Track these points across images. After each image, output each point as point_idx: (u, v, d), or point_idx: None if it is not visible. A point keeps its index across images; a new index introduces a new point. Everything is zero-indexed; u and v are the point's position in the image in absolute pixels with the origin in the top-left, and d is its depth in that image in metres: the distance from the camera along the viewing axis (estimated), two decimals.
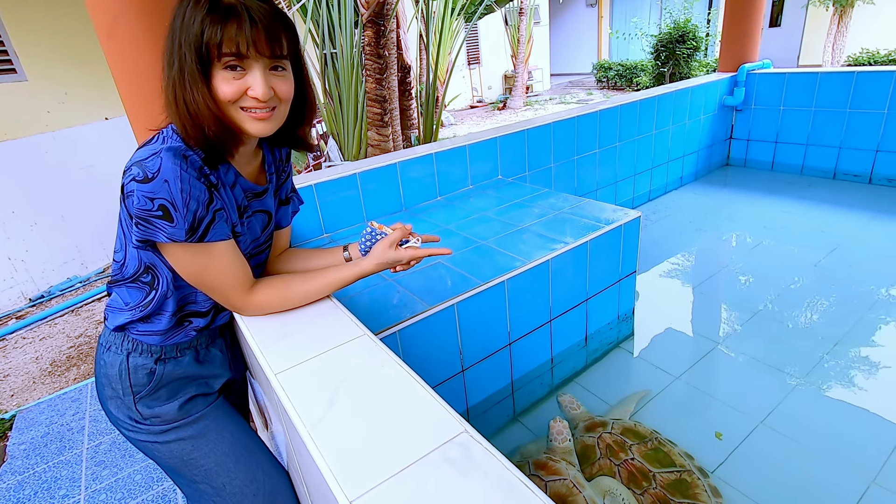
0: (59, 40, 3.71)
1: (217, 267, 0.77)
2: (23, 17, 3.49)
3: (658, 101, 2.86)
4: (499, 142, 2.22)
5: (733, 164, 3.57)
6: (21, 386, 2.79)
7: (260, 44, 0.69)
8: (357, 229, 1.86)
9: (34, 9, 3.54)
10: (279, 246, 1.00)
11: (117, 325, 0.82)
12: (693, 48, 6.90)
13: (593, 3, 13.59)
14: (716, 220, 2.80)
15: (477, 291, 1.33)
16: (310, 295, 0.88)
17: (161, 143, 0.72)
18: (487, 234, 1.68)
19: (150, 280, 0.79)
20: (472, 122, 9.30)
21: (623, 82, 10.91)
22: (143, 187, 0.68)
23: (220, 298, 0.82)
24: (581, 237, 1.57)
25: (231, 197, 0.80)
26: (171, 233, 0.70)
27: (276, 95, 0.75)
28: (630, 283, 1.80)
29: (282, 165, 0.95)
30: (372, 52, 3.55)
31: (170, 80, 0.71)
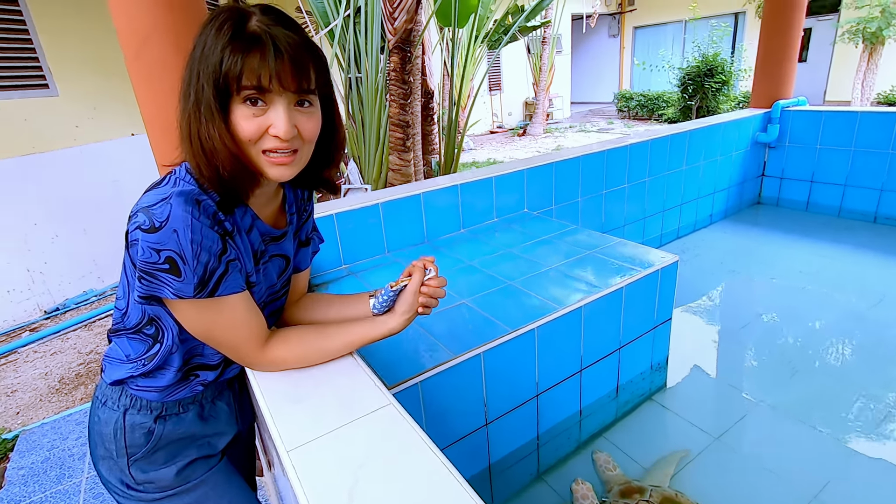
0: (90, 57, 3.78)
1: (228, 322, 0.69)
2: (57, 35, 3.57)
3: (689, 136, 2.77)
4: (526, 174, 2.15)
5: (765, 202, 3.45)
6: (28, 403, 2.74)
7: (284, 76, 0.62)
8: (377, 261, 1.79)
9: (68, 27, 3.63)
10: (297, 290, 0.92)
11: (115, 380, 0.74)
12: (722, 82, 6.83)
13: (616, 34, 13.69)
14: (748, 261, 2.67)
15: (506, 339, 1.23)
16: (329, 353, 0.79)
17: (172, 185, 0.65)
18: (514, 274, 1.59)
19: (153, 333, 0.72)
20: (492, 148, 9.30)
21: (645, 112, 10.87)
22: (149, 237, 0.61)
23: (230, 353, 0.74)
24: (616, 281, 1.47)
25: (247, 243, 0.73)
26: (177, 288, 0.63)
27: (299, 135, 0.67)
28: (665, 330, 1.69)
29: (304, 205, 0.88)
30: (397, 78, 3.55)
31: (185, 114, 0.65)
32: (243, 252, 0.71)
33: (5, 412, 2.68)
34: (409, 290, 0.79)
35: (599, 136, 9.48)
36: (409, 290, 0.79)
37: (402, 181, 3.75)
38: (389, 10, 3.40)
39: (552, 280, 1.52)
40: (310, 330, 0.80)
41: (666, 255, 1.61)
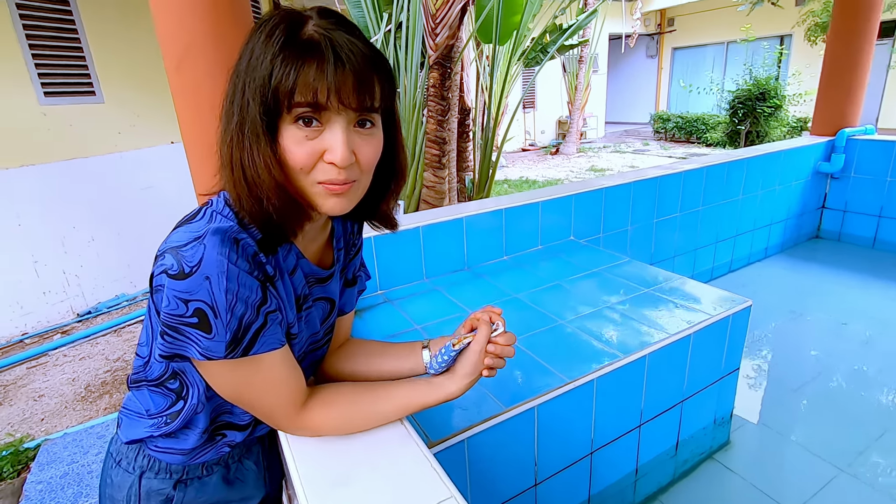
0: (137, 67, 3.85)
1: (262, 383, 0.58)
2: (107, 43, 3.65)
3: (747, 163, 2.59)
4: (574, 200, 2.01)
5: (824, 236, 3.21)
6: (53, 409, 2.72)
7: (345, 92, 0.51)
8: (415, 288, 1.68)
9: (118, 36, 3.71)
10: (340, 336, 0.80)
11: (132, 439, 0.64)
12: (775, 107, 6.55)
13: (654, 55, 13.48)
14: (812, 301, 2.45)
15: (562, 391, 1.10)
16: (377, 420, 0.67)
17: (208, 220, 0.55)
18: (564, 311, 1.45)
19: (177, 388, 0.62)
20: (524, 166, 9.18)
21: (682, 135, 10.58)
22: (176, 285, 0.50)
23: (262, 417, 0.63)
24: (683, 327, 1.31)
25: (289, 287, 0.62)
26: (206, 347, 0.52)
27: (357, 162, 0.56)
28: (732, 381, 1.52)
29: (353, 239, 0.77)
30: (436, 94, 3.48)
31: (226, 136, 0.54)
32: (285, 300, 0.61)
33: (31, 417, 2.66)
34: (473, 349, 0.67)
35: (634, 157, 9.26)
36: (474, 349, 0.67)
37: (435, 198, 3.66)
38: (432, 25, 3.35)
39: (608, 321, 1.38)
40: (355, 391, 0.68)
41: (737, 299, 1.45)
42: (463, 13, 3.33)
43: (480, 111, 5.22)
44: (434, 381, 0.68)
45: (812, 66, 8.81)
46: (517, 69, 5.95)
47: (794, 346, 2.13)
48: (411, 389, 0.67)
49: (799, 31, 9.32)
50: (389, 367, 0.76)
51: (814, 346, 2.11)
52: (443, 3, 3.29)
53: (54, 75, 3.37)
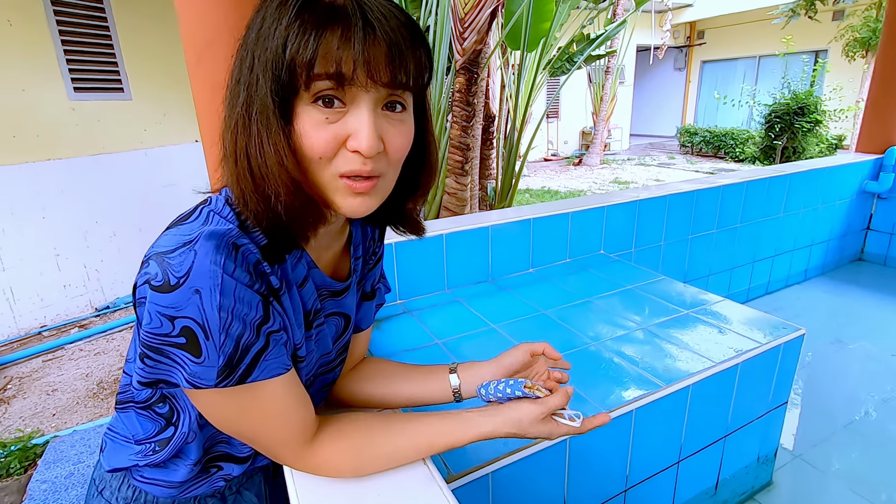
0: (166, 65, 3.88)
1: (262, 414, 0.50)
2: (137, 41, 3.68)
3: (790, 179, 2.45)
4: (606, 211, 1.91)
5: (868, 259, 3.02)
6: (65, 405, 2.70)
7: (375, 64, 0.43)
8: (436, 299, 1.59)
9: (148, 34, 3.74)
10: (355, 355, 0.71)
11: (116, 467, 0.56)
12: (815, 122, 6.30)
13: (682, 67, 13.26)
14: (857, 329, 2.29)
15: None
16: (398, 460, 0.58)
17: (202, 221, 0.47)
18: (597, 332, 1.34)
19: (166, 413, 0.54)
20: (546, 176, 9.06)
21: (710, 149, 10.33)
22: (160, 299, 0.42)
23: (263, 451, 0.54)
24: (729, 355, 1.20)
25: (298, 302, 0.54)
26: (194, 372, 0.44)
27: (384, 151, 0.47)
28: (779, 416, 1.39)
29: (373, 247, 0.68)
30: (461, 100, 3.42)
31: (230, 121, 0.46)
32: (292, 317, 0.52)
33: (43, 412, 2.64)
34: (543, 407, 0.57)
35: (660, 170, 9.06)
36: (545, 408, 0.57)
37: (457, 205, 3.59)
38: (460, 29, 3.29)
39: (646, 344, 1.27)
40: (372, 424, 0.58)
41: (788, 325, 1.33)
42: (492, 18, 3.27)
43: (504, 119, 5.14)
44: (465, 415, 0.58)
45: (853, 81, 8.53)
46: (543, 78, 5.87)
47: (841, 377, 1.97)
48: (438, 425, 0.57)
49: (835, 47, 9.03)
50: (411, 392, 0.67)
51: (862, 379, 1.95)
52: (472, 7, 3.23)
53: (84, 71, 3.40)
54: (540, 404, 0.57)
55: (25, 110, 3.15)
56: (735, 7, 10.76)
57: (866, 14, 7.83)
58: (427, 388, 0.66)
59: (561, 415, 0.58)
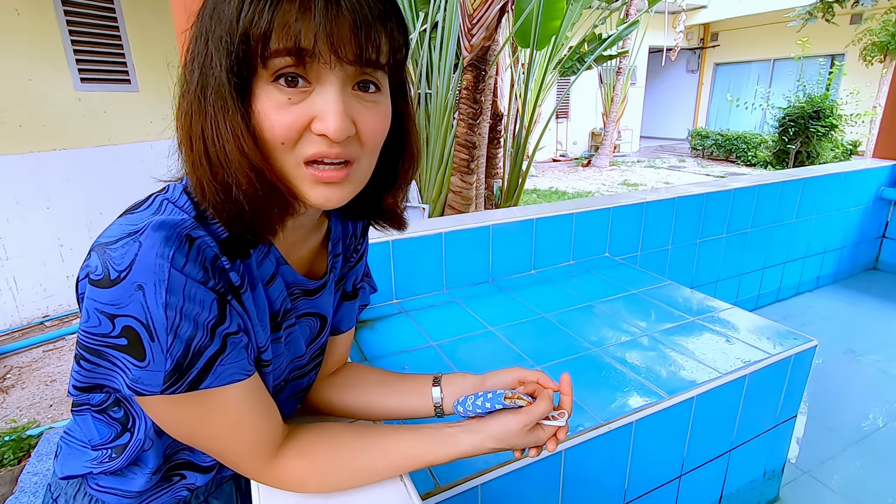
0: (173, 58, 3.86)
1: (220, 424, 0.45)
2: (144, 34, 3.66)
3: (803, 184, 2.38)
4: (611, 213, 1.85)
5: (883, 268, 2.94)
6: (62, 396, 2.70)
7: (339, 37, 0.38)
8: (434, 299, 1.54)
9: (156, 26, 3.72)
10: (334, 359, 0.66)
11: (69, 474, 0.52)
12: (830, 126, 6.17)
13: (695, 69, 13.10)
14: (870, 340, 2.21)
15: (595, 434, 0.94)
16: (371, 476, 0.53)
17: (154, 211, 0.43)
18: (598, 338, 1.29)
19: (121, 418, 0.50)
20: (554, 177, 8.99)
21: (721, 153, 10.19)
22: (98, 294, 0.38)
23: (226, 463, 0.50)
24: (736, 366, 1.14)
25: (263, 302, 0.49)
26: (136, 378, 0.39)
27: (357, 135, 0.43)
28: (787, 430, 1.33)
29: (354, 243, 0.63)
30: (468, 97, 3.37)
31: (184, 101, 0.42)
32: (254, 318, 0.47)
33: (40, 402, 2.64)
34: (528, 416, 0.53)
35: (670, 173, 8.95)
36: (529, 417, 0.53)
37: (462, 203, 3.54)
38: (468, 25, 3.24)
39: (650, 352, 1.22)
40: (344, 436, 0.54)
41: (799, 336, 1.27)
42: (501, 14, 3.21)
43: (513, 118, 5.09)
44: (446, 431, 0.53)
45: (870, 85, 8.36)
46: (552, 77, 5.82)
47: (853, 390, 1.90)
48: (415, 441, 0.53)
49: (852, 51, 8.86)
50: (392, 403, 0.62)
51: (875, 393, 1.88)
52: (481, 3, 3.18)
53: (91, 61, 3.39)
54: (525, 414, 0.53)
55: (32, 100, 3.14)
56: (750, 9, 10.60)
57: (885, 18, 7.67)
58: (407, 401, 0.62)
59: (546, 417, 0.54)
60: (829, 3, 7.92)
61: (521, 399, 0.53)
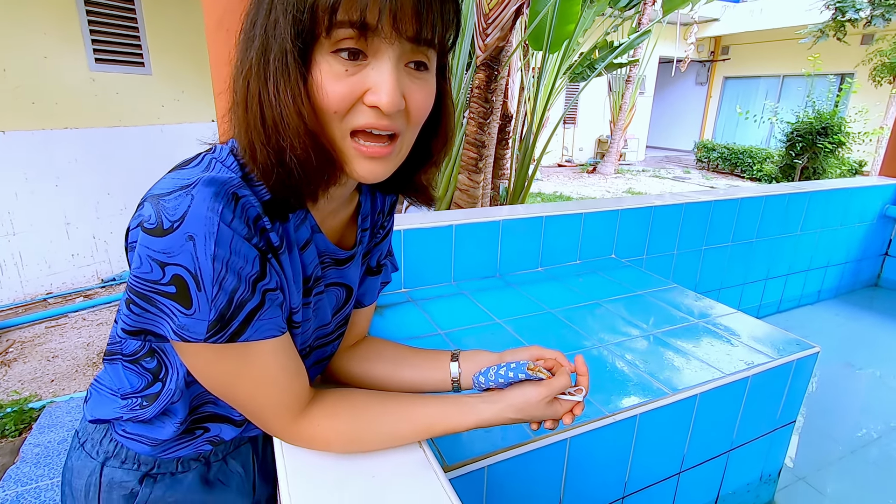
0: (187, 43, 3.88)
1: (253, 377, 0.47)
2: (160, 17, 3.68)
3: (810, 197, 2.39)
4: (619, 215, 1.87)
5: (885, 285, 2.95)
6: (64, 372, 2.71)
7: (402, 14, 0.40)
8: (442, 290, 1.56)
9: (172, 10, 3.74)
10: (355, 332, 0.69)
11: (98, 418, 0.54)
12: (838, 143, 6.20)
13: (704, 82, 13.13)
14: (870, 354, 2.23)
15: (600, 424, 0.96)
16: (392, 440, 0.55)
17: (204, 168, 0.44)
18: (604, 335, 1.31)
19: (154, 368, 0.51)
20: (559, 181, 9.01)
21: (727, 166, 10.22)
22: (152, 242, 0.40)
23: (251, 417, 0.52)
24: (739, 367, 1.16)
25: (297, 265, 0.51)
26: (183, 325, 0.41)
27: (406, 109, 0.45)
28: (785, 434, 1.34)
29: (381, 219, 0.65)
30: (480, 96, 3.39)
31: (243, 67, 0.43)
32: (290, 278, 0.49)
33: (42, 377, 2.65)
34: (546, 389, 0.55)
35: (674, 184, 8.97)
36: (540, 391, 0.55)
37: (468, 202, 3.56)
38: (483, 25, 3.26)
39: (654, 351, 1.23)
40: (368, 401, 0.56)
41: (802, 342, 1.29)
42: (516, 16, 3.24)
43: (522, 120, 5.10)
44: (466, 400, 0.55)
45: (879, 105, 8.38)
46: (562, 82, 5.84)
47: (851, 401, 1.92)
48: (437, 408, 0.55)
49: (862, 70, 8.89)
50: (411, 376, 0.64)
51: (872, 405, 1.90)
52: (497, 4, 3.20)
53: (107, 42, 3.41)
54: (545, 386, 0.55)
55: (46, 77, 3.16)
56: (762, 24, 10.63)
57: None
58: (426, 375, 0.64)
59: (563, 392, 0.56)
60: (841, 22, 7.95)
61: (542, 372, 0.55)
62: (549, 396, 0.54)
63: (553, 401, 0.55)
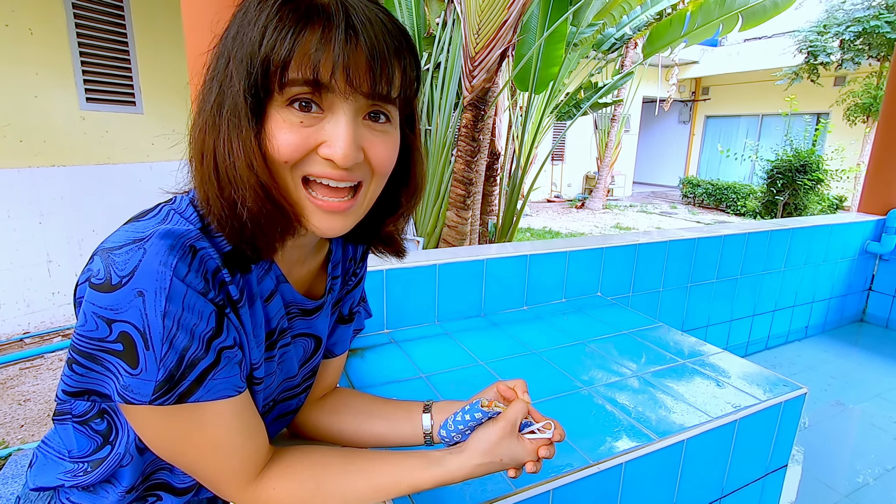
0: (179, 82, 3.95)
1: (204, 440, 0.44)
2: (153, 57, 3.75)
3: (792, 234, 2.43)
4: (604, 253, 1.87)
5: (870, 321, 2.97)
6: (35, 416, 2.60)
7: (356, 70, 0.40)
8: (425, 331, 1.53)
9: (164, 51, 3.82)
10: (325, 383, 0.66)
11: (40, 486, 0.50)
12: (817, 180, 6.41)
13: (687, 121, 13.56)
14: (858, 392, 2.21)
15: (584, 474, 0.92)
16: (352, 500, 0.51)
17: (161, 220, 0.44)
18: (591, 376, 1.28)
19: (104, 430, 0.48)
20: (548, 217, 9.11)
21: (711, 202, 10.43)
22: (98, 299, 0.38)
23: (203, 482, 0.49)
24: (726, 410, 1.13)
25: (260, 318, 0.49)
26: (127, 385, 0.39)
27: (366, 160, 0.44)
28: (778, 479, 1.31)
29: (353, 267, 0.64)
30: (467, 135, 3.46)
31: (200, 117, 0.43)
32: (250, 333, 0.47)
33: (11, 422, 2.54)
34: (505, 422, 0.51)
35: (661, 219, 9.11)
36: (500, 425, 0.51)
37: (456, 238, 3.57)
38: (470, 67, 3.36)
39: (640, 393, 1.21)
40: (326, 460, 0.53)
41: (789, 382, 1.27)
42: (502, 58, 3.34)
43: (510, 158, 5.20)
44: (433, 455, 0.52)
45: (855, 143, 8.69)
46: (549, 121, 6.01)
47: (843, 442, 1.89)
48: (402, 465, 0.52)
49: (836, 110, 9.26)
50: (381, 430, 0.61)
51: (865, 446, 1.87)
52: (483, 47, 3.31)
53: (98, 82, 3.45)
54: (501, 418, 0.52)
55: (36, 116, 3.18)
56: (739, 67, 11.11)
57: (867, 81, 8.06)
58: (396, 428, 0.61)
59: (531, 431, 0.53)
60: (813, 65, 8.33)
61: (498, 406, 0.52)
62: (507, 427, 0.52)
63: (520, 438, 0.52)
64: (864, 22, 7.39)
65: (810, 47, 8.11)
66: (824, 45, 7.94)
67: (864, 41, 7.58)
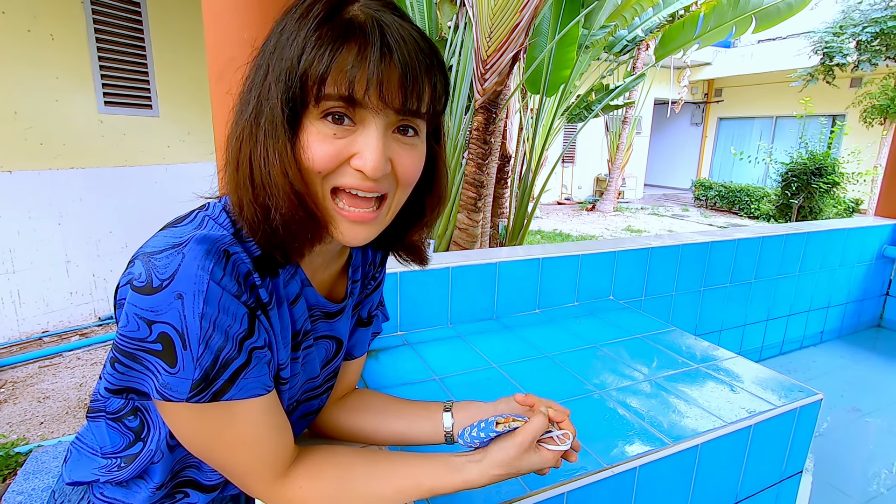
0: (195, 86, 4.01)
1: (236, 438, 0.46)
2: (170, 62, 3.82)
3: (807, 238, 2.40)
4: (616, 256, 1.87)
5: (887, 326, 2.92)
6: (54, 413, 2.66)
7: (389, 87, 0.42)
8: (438, 333, 1.55)
9: (181, 55, 3.88)
10: (345, 384, 0.68)
11: (76, 480, 0.52)
12: (832, 183, 6.32)
13: (699, 122, 13.44)
14: (875, 399, 2.18)
15: (598, 477, 0.93)
16: (376, 501, 0.53)
17: (196, 225, 0.46)
18: (603, 380, 1.29)
19: (137, 427, 0.50)
20: (559, 219, 9.08)
21: (724, 204, 10.32)
22: (140, 301, 0.40)
23: (231, 478, 0.51)
24: (741, 415, 1.13)
25: (287, 320, 0.51)
26: (166, 383, 0.41)
27: (393, 172, 0.46)
28: (793, 486, 1.30)
29: (372, 271, 0.66)
30: (478, 137, 3.47)
31: (237, 127, 0.45)
32: (279, 335, 0.49)
33: (31, 419, 2.60)
34: (524, 437, 0.53)
35: (673, 221, 9.04)
36: (525, 437, 0.52)
37: (467, 241, 3.58)
38: (481, 70, 3.37)
39: (654, 397, 1.21)
40: (352, 461, 0.54)
41: (805, 388, 1.26)
42: (514, 62, 3.35)
43: (520, 160, 5.21)
44: (454, 460, 0.54)
45: (872, 146, 8.55)
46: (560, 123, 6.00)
47: (859, 449, 1.86)
48: (424, 468, 0.53)
49: (853, 112, 9.12)
50: (401, 429, 0.63)
51: (882, 453, 1.84)
52: (494, 51, 3.32)
53: (117, 86, 3.52)
54: (520, 435, 0.53)
55: (56, 120, 3.25)
56: (753, 68, 10.99)
57: (884, 83, 7.93)
58: (418, 427, 0.62)
59: (549, 440, 0.54)
60: (829, 66, 8.22)
61: (516, 421, 0.53)
62: (526, 443, 0.53)
63: (537, 448, 0.54)
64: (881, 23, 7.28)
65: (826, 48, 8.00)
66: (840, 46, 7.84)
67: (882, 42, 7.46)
